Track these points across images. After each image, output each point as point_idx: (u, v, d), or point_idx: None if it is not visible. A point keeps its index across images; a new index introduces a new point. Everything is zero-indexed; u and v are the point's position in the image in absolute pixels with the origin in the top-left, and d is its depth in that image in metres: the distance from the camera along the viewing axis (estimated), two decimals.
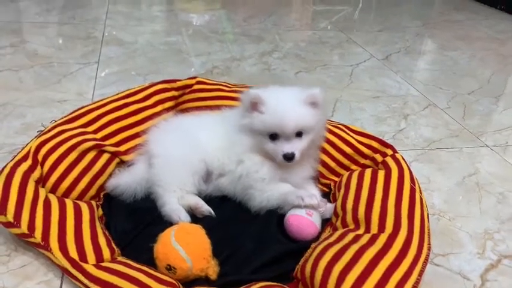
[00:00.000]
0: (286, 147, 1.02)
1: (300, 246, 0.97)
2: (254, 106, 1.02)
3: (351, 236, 0.93)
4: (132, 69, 1.82)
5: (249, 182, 1.07)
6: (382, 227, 0.95)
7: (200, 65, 1.93)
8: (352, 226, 0.99)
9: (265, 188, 1.06)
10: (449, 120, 1.65)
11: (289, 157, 1.01)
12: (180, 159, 1.09)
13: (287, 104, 1.02)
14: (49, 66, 1.78)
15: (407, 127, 1.58)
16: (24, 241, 0.92)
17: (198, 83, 1.38)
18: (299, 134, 1.03)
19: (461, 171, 1.36)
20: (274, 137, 1.03)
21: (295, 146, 1.02)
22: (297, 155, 1.02)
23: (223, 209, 1.10)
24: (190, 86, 1.38)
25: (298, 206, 1.02)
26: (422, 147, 1.47)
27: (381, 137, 1.25)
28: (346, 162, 1.22)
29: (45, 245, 0.88)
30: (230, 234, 1.01)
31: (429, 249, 0.92)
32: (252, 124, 1.03)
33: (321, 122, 1.08)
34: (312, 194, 1.04)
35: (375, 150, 1.21)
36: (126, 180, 1.09)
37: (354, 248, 0.87)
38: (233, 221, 1.06)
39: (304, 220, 1.00)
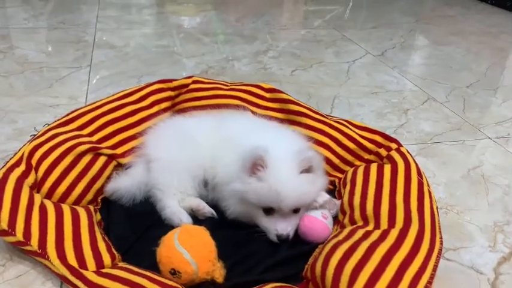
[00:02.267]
0: (281, 226, 0.93)
1: (310, 248, 0.94)
2: (254, 168, 0.91)
3: (360, 232, 0.90)
4: (125, 72, 1.78)
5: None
6: (392, 222, 0.92)
7: (194, 66, 1.89)
8: (360, 223, 0.96)
9: None
10: (449, 114, 1.64)
11: (282, 239, 0.93)
12: (179, 162, 1.06)
13: (287, 178, 0.91)
14: (40, 72, 1.73)
15: (407, 122, 1.56)
16: (19, 249, 0.88)
17: (195, 82, 1.35)
18: (296, 210, 0.95)
19: (466, 164, 1.34)
20: (268, 210, 0.94)
21: (292, 223, 0.94)
22: (291, 234, 0.94)
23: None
24: (187, 85, 1.34)
25: (314, 208, 0.98)
26: (424, 141, 1.45)
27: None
28: (349, 158, 1.19)
29: (43, 252, 0.83)
30: (235, 236, 0.98)
31: (441, 243, 0.89)
32: (247, 193, 0.92)
33: (321, 186, 1.00)
34: (320, 191, 1.01)
35: (379, 145, 1.18)
36: (125, 184, 1.05)
37: (365, 244, 0.84)
38: (237, 222, 1.03)
39: (319, 223, 0.97)
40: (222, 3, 2.93)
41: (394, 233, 0.88)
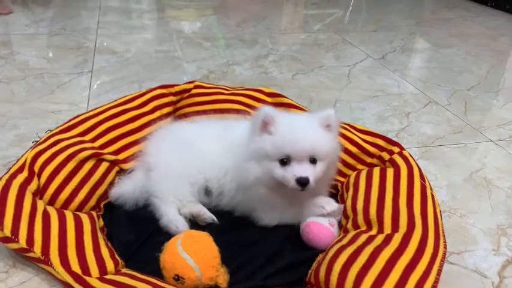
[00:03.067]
0: (299, 170, 0.90)
1: (313, 254, 0.94)
2: (265, 126, 0.92)
3: (364, 237, 0.90)
4: (127, 77, 1.79)
5: (253, 205, 1.02)
6: (395, 227, 0.91)
7: (195, 71, 1.89)
8: (364, 227, 0.96)
9: (273, 208, 1.00)
10: (451, 117, 1.63)
11: (303, 182, 0.89)
12: (178, 169, 1.05)
13: (301, 124, 0.94)
14: (41, 77, 1.74)
15: (409, 125, 1.56)
16: (23, 256, 0.88)
17: (196, 87, 1.35)
18: (313, 161, 0.92)
19: (468, 167, 1.34)
20: (285, 162, 0.91)
21: (310, 171, 0.91)
22: (312, 181, 0.90)
23: (227, 216, 1.06)
24: (189, 90, 1.35)
25: (321, 215, 0.98)
26: (426, 144, 1.45)
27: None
28: (351, 161, 1.19)
29: (46, 259, 0.83)
30: (237, 241, 0.98)
31: (445, 247, 0.89)
32: (261, 148, 0.92)
33: (336, 149, 0.99)
34: (329, 199, 1.01)
35: (381, 149, 1.18)
36: (128, 189, 1.05)
37: (369, 249, 0.84)
38: (239, 228, 1.03)
39: (325, 230, 0.96)
40: (222, 8, 2.94)
41: (397, 238, 0.87)
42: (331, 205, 0.98)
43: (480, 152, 1.43)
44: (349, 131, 1.22)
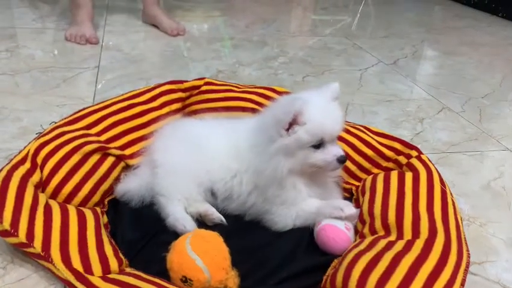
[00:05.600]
0: (337, 150, 0.92)
1: (328, 259, 0.89)
2: (295, 119, 0.88)
3: (383, 242, 0.85)
4: (134, 74, 1.75)
5: (264, 208, 0.97)
6: (416, 233, 0.87)
7: (204, 70, 1.86)
8: (382, 233, 0.91)
9: (287, 211, 0.95)
10: (465, 124, 1.59)
11: (343, 159, 0.91)
12: (185, 167, 1.01)
13: (328, 105, 0.93)
14: (47, 71, 1.70)
15: (423, 131, 1.51)
16: (21, 252, 0.83)
17: (207, 83, 1.31)
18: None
19: (486, 175, 1.29)
20: (318, 146, 0.91)
21: (341, 148, 0.94)
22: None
23: (235, 218, 1.01)
24: (199, 87, 1.30)
25: (338, 218, 0.93)
26: (442, 150, 1.40)
27: None
28: (367, 165, 1.15)
29: (46, 255, 0.78)
30: (248, 243, 0.93)
31: (469, 255, 0.84)
32: (297, 140, 0.89)
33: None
34: (348, 202, 0.96)
35: (398, 152, 1.13)
36: (135, 186, 1.00)
37: (389, 255, 0.79)
38: (249, 230, 0.98)
39: (342, 234, 0.91)
40: (230, 10, 2.91)
41: (419, 244, 0.82)
42: (350, 208, 0.94)
43: (497, 160, 1.38)
44: (365, 133, 1.18)
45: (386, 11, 3.27)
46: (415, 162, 1.06)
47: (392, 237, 0.88)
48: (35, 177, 0.91)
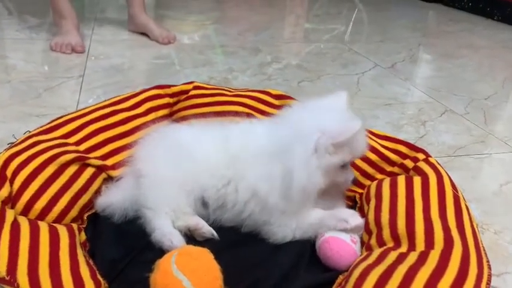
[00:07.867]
0: (351, 173, 0.91)
1: (332, 274, 0.79)
2: (349, 141, 0.82)
3: (393, 255, 0.76)
4: (121, 82, 1.66)
5: (266, 218, 0.88)
6: (430, 243, 0.77)
7: (195, 77, 1.77)
8: (391, 244, 0.82)
9: (288, 221, 0.86)
10: (470, 126, 1.51)
11: (355, 181, 0.93)
12: (172, 177, 0.91)
13: (358, 124, 0.83)
14: (28, 81, 1.61)
15: (427, 134, 1.43)
16: None
17: (196, 88, 1.22)
18: None
19: (496, 179, 1.21)
20: (345, 165, 0.87)
21: None
22: None
23: (228, 231, 0.91)
24: (187, 91, 1.22)
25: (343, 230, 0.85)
26: (447, 154, 1.32)
27: None
28: (370, 171, 1.06)
29: (11, 279, 0.68)
30: (243, 260, 0.83)
31: (489, 267, 0.75)
32: (341, 160, 0.84)
33: None
34: (353, 212, 0.87)
35: (404, 156, 1.05)
36: (117, 199, 0.91)
37: (402, 269, 0.70)
38: (244, 244, 0.89)
39: (347, 247, 0.82)
40: (222, 18, 2.85)
41: (434, 255, 0.73)
42: (355, 218, 0.84)
43: (507, 163, 1.30)
44: (367, 136, 1.09)
45: (380, 17, 3.23)
46: (423, 165, 0.98)
47: (403, 249, 0.79)
48: (3, 192, 0.81)
